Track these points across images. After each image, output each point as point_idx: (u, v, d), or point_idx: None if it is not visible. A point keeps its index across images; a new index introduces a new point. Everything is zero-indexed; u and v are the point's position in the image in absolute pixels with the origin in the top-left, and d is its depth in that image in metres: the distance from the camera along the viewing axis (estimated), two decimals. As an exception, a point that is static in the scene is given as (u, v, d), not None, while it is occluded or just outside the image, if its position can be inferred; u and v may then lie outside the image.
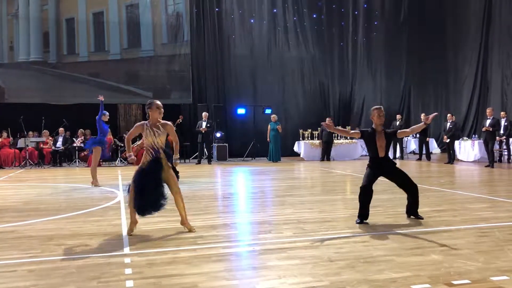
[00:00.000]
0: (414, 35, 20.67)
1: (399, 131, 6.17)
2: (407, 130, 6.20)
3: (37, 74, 17.15)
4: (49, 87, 17.16)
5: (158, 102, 5.52)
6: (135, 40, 18.15)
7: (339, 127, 6.34)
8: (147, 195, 5.13)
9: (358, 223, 5.68)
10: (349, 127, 18.07)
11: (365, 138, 5.95)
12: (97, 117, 10.10)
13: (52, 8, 17.41)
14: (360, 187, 5.82)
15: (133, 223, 5.34)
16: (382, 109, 5.92)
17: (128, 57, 18.05)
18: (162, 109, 5.49)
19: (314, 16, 20.08)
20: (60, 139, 16.06)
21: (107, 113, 10.26)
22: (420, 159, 16.30)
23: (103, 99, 10.15)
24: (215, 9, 18.88)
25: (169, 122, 5.53)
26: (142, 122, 5.52)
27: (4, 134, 15.68)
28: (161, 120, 5.45)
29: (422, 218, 5.88)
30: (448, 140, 14.77)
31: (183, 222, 5.44)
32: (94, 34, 17.81)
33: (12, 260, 4.28)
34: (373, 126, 5.90)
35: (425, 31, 20.51)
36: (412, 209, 6.00)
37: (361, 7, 20.56)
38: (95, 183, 9.84)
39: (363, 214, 5.76)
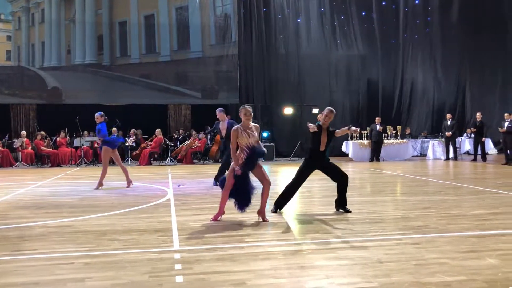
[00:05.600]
0: (470, 31, 19.79)
1: (336, 130, 6.48)
2: (338, 131, 6.49)
3: (92, 76, 17.89)
4: (103, 89, 17.84)
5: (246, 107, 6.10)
6: (184, 41, 18.53)
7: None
8: (244, 192, 5.80)
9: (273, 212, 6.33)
10: (400, 126, 17.62)
11: (312, 134, 6.38)
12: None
13: (106, 12, 18.09)
14: (294, 181, 6.51)
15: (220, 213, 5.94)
16: (334, 112, 6.39)
17: (177, 58, 18.46)
18: (248, 115, 5.98)
19: (363, 14, 19.73)
20: (113, 139, 16.61)
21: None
22: (475, 159, 15.65)
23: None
24: (262, 9, 18.95)
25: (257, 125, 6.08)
26: (236, 127, 5.99)
27: (62, 134, 16.43)
28: (251, 123, 5.95)
29: (351, 211, 6.34)
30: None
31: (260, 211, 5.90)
32: (145, 37, 18.35)
33: (70, 253, 4.48)
34: (321, 123, 6.38)
35: (482, 27, 19.59)
36: (343, 202, 6.47)
37: (413, 3, 19.97)
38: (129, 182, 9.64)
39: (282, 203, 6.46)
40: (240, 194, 5.80)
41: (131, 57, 18.25)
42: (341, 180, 6.48)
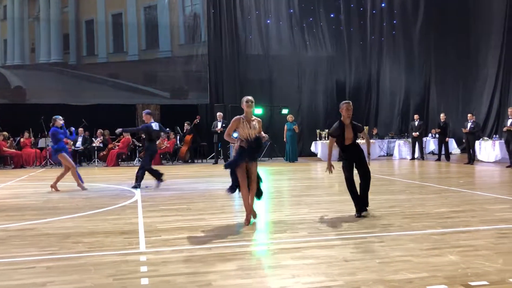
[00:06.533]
0: (434, 33, 20.35)
1: (363, 132, 6.61)
2: (366, 139, 6.81)
3: (57, 75, 17.44)
4: (69, 88, 17.42)
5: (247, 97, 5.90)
6: (153, 41, 18.31)
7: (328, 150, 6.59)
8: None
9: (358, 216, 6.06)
10: (367, 127, 17.90)
11: (335, 136, 6.31)
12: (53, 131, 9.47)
13: (72, 10, 17.69)
14: (347, 181, 6.28)
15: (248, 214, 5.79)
16: (351, 103, 6.40)
17: (146, 58, 18.22)
18: (250, 103, 5.81)
19: (332, 15, 19.98)
20: (80, 139, 16.29)
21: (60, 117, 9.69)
22: (439, 159, 16.06)
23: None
24: (232, 9, 18.93)
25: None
26: (238, 116, 5.81)
27: (26, 134, 15.99)
28: (254, 116, 5.86)
29: (366, 211, 6.24)
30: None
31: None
32: (113, 36, 18.04)
33: (31, 257, 4.36)
34: (342, 119, 6.33)
35: (445, 30, 20.19)
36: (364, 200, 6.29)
37: (380, 6, 20.38)
38: (81, 185, 9.37)
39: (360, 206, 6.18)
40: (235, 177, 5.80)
41: (98, 56, 17.90)
42: (364, 179, 6.29)
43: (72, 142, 16.14)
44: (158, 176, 9.42)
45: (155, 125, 9.61)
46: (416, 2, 20.48)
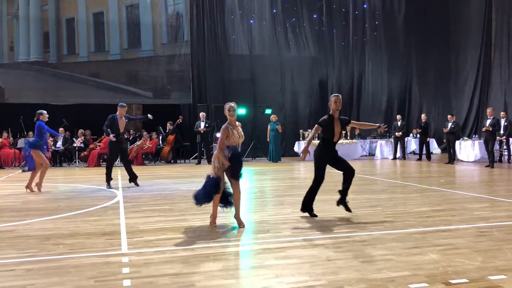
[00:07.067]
0: (415, 35, 20.62)
1: (352, 121, 6.59)
2: (359, 122, 6.86)
3: (37, 74, 17.14)
4: (49, 87, 17.14)
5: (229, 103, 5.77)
6: (135, 40, 18.13)
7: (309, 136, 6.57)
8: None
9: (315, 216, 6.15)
10: (349, 127, 18.04)
11: (324, 126, 6.21)
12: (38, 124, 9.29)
13: (52, 8, 17.41)
14: (317, 180, 6.30)
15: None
16: (340, 96, 6.32)
17: (128, 57, 18.03)
18: (232, 111, 5.67)
19: (314, 16, 20.08)
20: (60, 140, 16.05)
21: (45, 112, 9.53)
22: (420, 159, 16.26)
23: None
24: (215, 9, 18.88)
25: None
26: (226, 126, 5.59)
27: (5, 135, 15.68)
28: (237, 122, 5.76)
29: (351, 211, 6.22)
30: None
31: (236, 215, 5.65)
32: (94, 34, 17.79)
33: (10, 260, 4.28)
34: (331, 112, 6.25)
35: (426, 31, 20.48)
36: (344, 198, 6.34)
37: (362, 7, 20.54)
38: (30, 187, 9.07)
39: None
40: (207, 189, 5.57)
41: (79, 55, 17.65)
42: (349, 174, 6.29)
43: (53, 141, 15.91)
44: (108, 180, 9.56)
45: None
46: (397, 4, 20.73)
